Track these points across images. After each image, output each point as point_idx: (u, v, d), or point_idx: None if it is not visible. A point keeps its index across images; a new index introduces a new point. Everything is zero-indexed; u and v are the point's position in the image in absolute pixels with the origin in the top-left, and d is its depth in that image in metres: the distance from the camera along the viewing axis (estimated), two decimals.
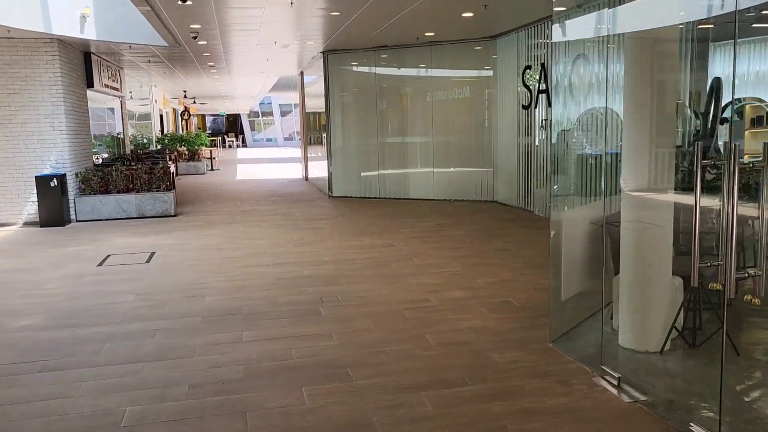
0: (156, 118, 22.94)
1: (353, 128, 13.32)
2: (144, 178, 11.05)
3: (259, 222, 10.23)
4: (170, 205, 11.04)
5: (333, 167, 13.57)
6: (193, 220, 10.56)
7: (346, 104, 13.39)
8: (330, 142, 13.52)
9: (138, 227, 9.94)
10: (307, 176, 18.09)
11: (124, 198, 10.84)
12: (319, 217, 10.60)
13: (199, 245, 8.31)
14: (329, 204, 12.48)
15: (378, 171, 13.05)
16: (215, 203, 12.96)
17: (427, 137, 12.46)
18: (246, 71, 17.37)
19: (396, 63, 12.72)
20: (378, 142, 13.02)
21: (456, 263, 6.87)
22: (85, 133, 11.71)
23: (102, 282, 6.42)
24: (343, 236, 8.72)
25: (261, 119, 54.27)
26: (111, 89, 14.03)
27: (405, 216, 10.54)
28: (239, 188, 16.17)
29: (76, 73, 11.32)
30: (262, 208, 11.97)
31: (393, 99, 12.92)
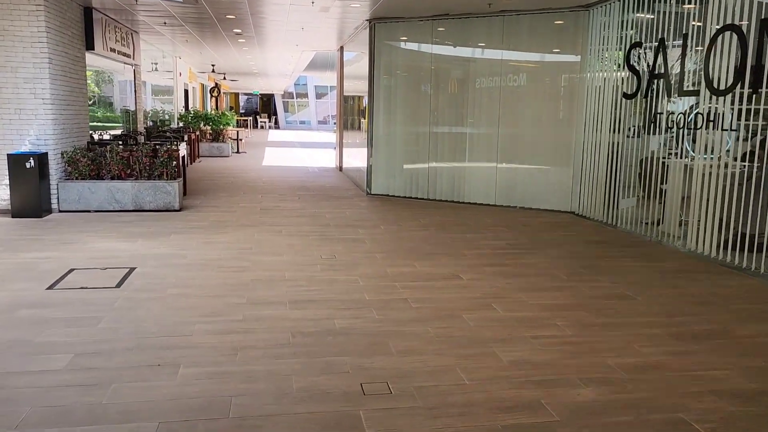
0: (179, 93, 21.02)
1: (400, 114, 11.10)
2: (144, 162, 9.01)
3: (281, 226, 8.11)
4: (174, 198, 8.99)
5: (373, 159, 11.38)
6: (200, 219, 8.49)
7: (393, 85, 11.16)
8: (371, 130, 11.33)
9: (129, 225, 7.91)
10: (342, 166, 15.95)
11: (118, 186, 8.83)
12: (356, 224, 8.44)
13: (196, 259, 6.22)
14: (367, 204, 10.30)
15: (428, 164, 10.82)
16: (232, 195, 10.89)
17: (491, 128, 10.17)
18: (278, 43, 15.23)
19: (457, 37, 10.42)
20: (429, 131, 10.77)
21: (559, 320, 4.63)
22: (80, 103, 9.71)
23: (36, 323, 4.35)
24: (388, 257, 6.54)
25: (295, 101, 52.35)
26: (120, 55, 12.03)
27: (463, 227, 8.30)
28: (263, 177, 14.10)
29: (70, 31, 9.30)
30: (286, 206, 9.85)
31: (450, 81, 10.64)
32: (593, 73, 9.14)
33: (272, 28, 12.45)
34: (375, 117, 11.24)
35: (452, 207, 10.15)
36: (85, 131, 9.93)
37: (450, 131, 10.66)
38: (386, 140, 11.24)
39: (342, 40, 14.45)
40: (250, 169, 15.70)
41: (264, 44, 15.49)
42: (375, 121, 11.25)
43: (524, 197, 10.02)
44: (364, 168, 11.98)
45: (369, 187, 11.45)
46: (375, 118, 11.25)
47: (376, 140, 11.30)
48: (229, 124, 20.17)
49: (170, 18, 11.46)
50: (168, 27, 12.60)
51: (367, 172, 11.49)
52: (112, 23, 11.39)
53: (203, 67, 23.55)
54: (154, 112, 18.16)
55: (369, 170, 11.44)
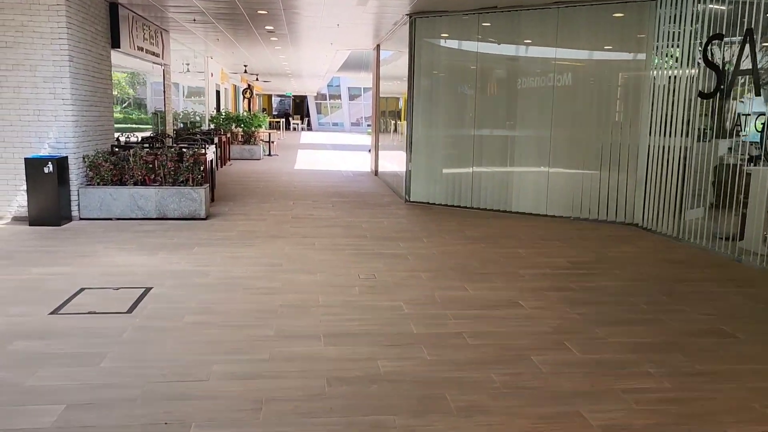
0: (211, 94, 20.59)
1: (441, 116, 10.33)
2: (169, 167, 8.42)
3: (314, 238, 7.41)
4: (200, 205, 8.38)
5: (413, 164, 10.62)
6: (227, 228, 7.85)
7: (434, 85, 10.39)
8: (410, 132, 10.58)
9: (150, 235, 7.31)
10: (377, 170, 15.24)
11: (141, 192, 8.25)
12: (396, 236, 7.70)
13: (220, 277, 5.56)
14: (407, 213, 9.56)
15: (471, 168, 10.01)
16: (262, 201, 10.25)
17: (541, 131, 9.33)
18: (312, 42, 14.61)
19: (504, 33, 9.60)
20: (473, 134, 9.97)
21: (651, 365, 3.81)
22: (105, 104, 9.19)
23: (29, 360, 3.71)
24: (435, 276, 5.78)
25: (328, 102, 51.95)
26: (149, 54, 11.52)
27: (514, 241, 7.49)
28: (296, 181, 13.47)
29: (94, 28, 8.78)
30: (319, 214, 9.16)
31: (496, 80, 9.83)
32: (659, 70, 8.24)
33: (306, 24, 11.81)
34: (414, 119, 10.50)
35: (498, 217, 9.34)
36: (109, 134, 9.41)
37: (495, 134, 9.85)
38: (426, 144, 10.48)
39: (379, 38, 13.75)
40: (281, 173, 15.11)
41: (297, 43, 14.88)
42: (414, 123, 10.50)
43: (579, 207, 9.15)
44: (401, 173, 11.24)
45: (407, 194, 10.71)
46: (414, 120, 10.50)
47: (416, 144, 10.55)
48: (261, 125, 19.65)
49: (200, 15, 10.90)
50: (198, 25, 12.06)
51: (406, 178, 10.74)
52: (140, 20, 10.88)
53: (235, 67, 23.13)
54: (185, 113, 17.74)
55: (408, 176, 10.69)
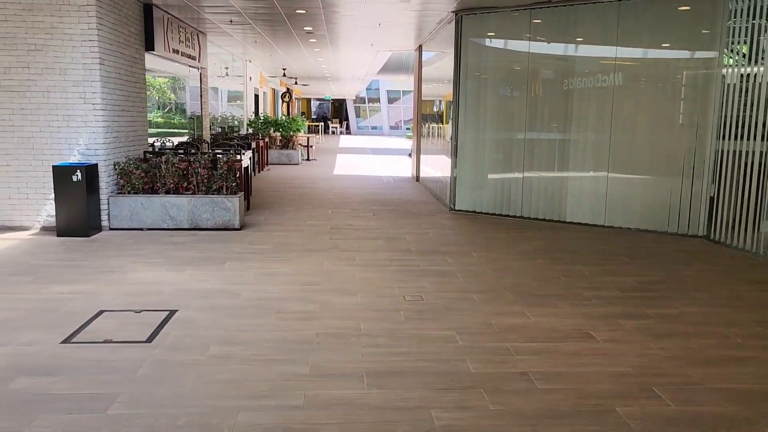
0: (250, 98, 20.32)
1: (490, 119, 9.67)
2: (202, 175, 7.99)
3: (353, 252, 6.86)
4: (234, 215, 7.92)
5: (458, 170, 9.99)
6: (261, 240, 7.37)
7: (482, 86, 9.74)
8: (456, 137, 9.95)
9: (181, 247, 6.87)
10: (419, 176, 14.64)
11: (173, 201, 7.84)
12: (442, 249, 7.09)
13: (251, 298, 5.04)
14: (452, 223, 8.93)
15: (522, 174, 9.33)
16: (299, 210, 9.77)
17: (601, 134, 8.59)
18: (352, 43, 14.12)
19: (558, 31, 8.90)
20: (524, 138, 9.29)
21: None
22: (137, 109, 8.84)
23: (31, 402, 3.24)
24: (490, 298, 5.15)
25: (367, 106, 51.60)
26: (184, 56, 11.19)
27: (573, 257, 6.80)
28: (334, 187, 12.97)
29: (127, 29, 8.43)
30: (359, 224, 8.62)
31: (549, 81, 9.13)
32: (730, 68, 7.43)
33: (346, 24, 11.31)
34: (460, 122, 9.87)
35: (552, 228, 8.63)
36: (143, 139, 9.06)
37: (548, 138, 9.14)
38: (473, 149, 9.84)
39: (421, 38, 13.16)
40: (320, 179, 14.65)
41: (337, 44, 14.42)
42: (460, 127, 9.87)
43: (641, 217, 8.38)
44: (444, 179, 10.62)
45: (452, 202, 10.08)
46: (460, 124, 9.87)
47: (462, 149, 9.91)
48: (299, 129, 19.28)
49: (237, 15, 10.51)
50: (236, 26, 11.68)
51: (451, 185, 10.11)
52: (176, 22, 10.55)
53: (274, 71, 22.86)
54: (223, 117, 17.48)
55: (453, 183, 10.06)
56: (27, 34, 7.41)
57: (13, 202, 7.70)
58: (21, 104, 7.54)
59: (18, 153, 7.62)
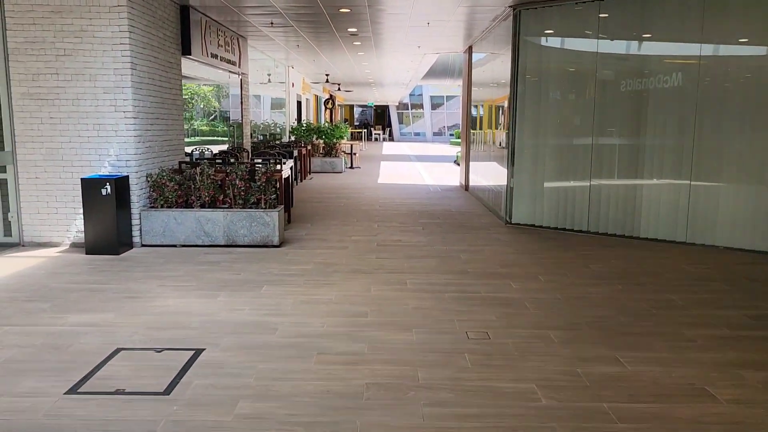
0: (292, 105, 19.86)
1: (551, 124, 8.81)
2: (239, 187, 7.39)
3: (404, 273, 6.12)
4: (273, 230, 7.29)
5: (515, 179, 9.15)
6: (303, 259, 6.70)
7: (543, 88, 8.89)
8: (513, 143, 9.11)
9: (215, 267, 6.25)
10: (468, 185, 13.82)
11: (208, 216, 7.26)
12: (504, 271, 6.28)
13: (290, 334, 4.36)
14: (510, 239, 8.10)
15: (589, 182, 8.43)
16: (343, 223, 9.09)
17: (682, 138, 7.65)
18: (398, 45, 13.43)
19: (629, 26, 7.99)
20: (592, 143, 8.39)
21: None
22: (173, 117, 8.33)
23: None
24: (570, 339, 4.33)
25: (410, 112, 50.92)
26: (223, 61, 10.69)
27: (658, 281, 5.90)
28: (379, 197, 12.28)
29: (162, 33, 7.93)
30: (408, 240, 7.88)
31: (619, 81, 8.21)
32: None
33: (392, 24, 10.62)
34: (518, 128, 9.03)
35: (624, 245, 7.71)
36: (178, 149, 8.54)
37: (618, 143, 8.23)
38: (531, 156, 8.99)
39: (471, 38, 12.38)
40: (364, 188, 13.98)
41: (381, 47, 13.75)
42: (518, 132, 9.04)
43: (731, 233, 7.39)
44: (498, 189, 9.80)
45: (508, 215, 9.24)
46: (518, 130, 9.03)
47: (519, 156, 9.07)
48: (342, 137, 18.70)
49: (278, 17, 9.93)
50: (277, 29, 11.13)
51: (507, 196, 9.28)
52: (214, 25, 10.05)
53: (317, 77, 22.39)
54: (265, 125, 17.04)
55: (508, 193, 9.22)
56: (56, 38, 6.95)
57: (42, 216, 7.25)
58: (50, 113, 7.08)
59: (46, 165, 7.16)
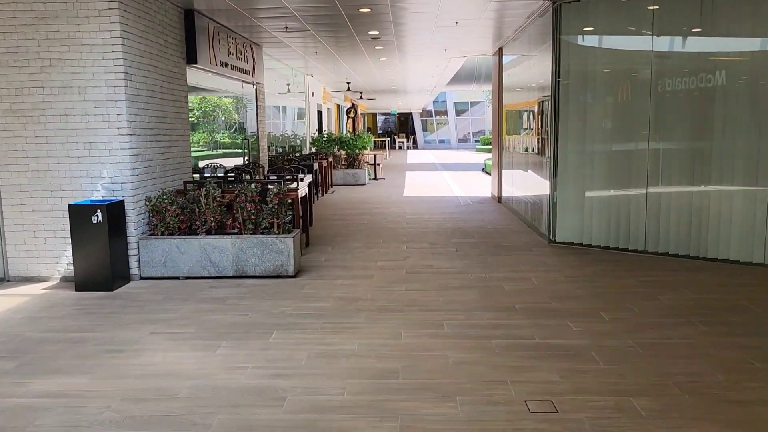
0: (312, 115, 19.07)
1: (599, 129, 7.80)
2: (248, 210, 6.52)
3: (440, 311, 5.18)
4: (287, 259, 6.40)
5: (559, 192, 8.15)
6: (321, 292, 5.80)
7: (589, 90, 7.89)
8: (555, 151, 8.12)
9: (219, 306, 5.38)
10: (500, 196, 12.82)
11: (214, 243, 6.41)
12: (558, 306, 5.30)
13: (300, 407, 3.44)
14: (557, 261, 7.10)
15: (646, 190, 7.40)
16: (367, 245, 8.18)
17: (757, 140, 6.60)
18: (422, 49, 12.53)
19: (685, 19, 6.96)
20: (648, 148, 7.36)
21: None
22: (177, 132, 7.53)
23: None
24: (662, 411, 3.33)
25: (434, 119, 49.99)
26: (235, 70, 9.89)
27: (750, 319, 4.86)
28: (406, 213, 11.35)
29: (162, 39, 7.14)
30: (441, 265, 6.93)
31: (676, 80, 7.18)
32: None
33: (417, 26, 9.72)
34: (561, 133, 8.04)
35: (691, 268, 6.66)
36: (184, 167, 7.73)
37: (678, 149, 7.19)
38: (577, 165, 7.98)
39: (502, 39, 11.43)
40: (389, 202, 13.06)
41: (405, 51, 12.86)
42: (561, 139, 8.05)
43: None
44: (536, 200, 8.80)
45: (551, 232, 8.23)
46: (561, 136, 8.04)
47: (562, 166, 8.07)
48: (365, 147, 17.83)
49: (292, 20, 9.10)
50: (294, 35, 10.30)
51: (548, 211, 8.27)
52: (224, 31, 9.25)
53: (338, 85, 21.59)
54: (285, 137, 16.26)
55: (551, 208, 8.22)
56: (40, 47, 6.18)
57: (29, 248, 6.47)
58: (35, 131, 6.31)
59: (32, 189, 6.38)
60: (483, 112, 49.18)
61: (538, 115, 9.31)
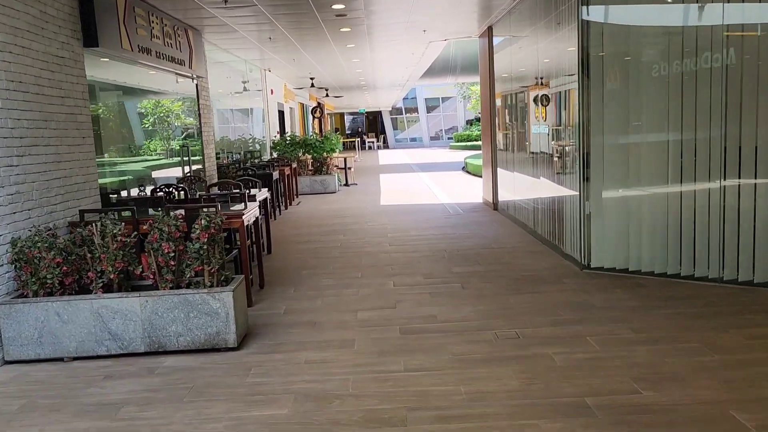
0: (272, 116, 16.88)
1: (647, 114, 5.86)
2: (165, 252, 4.39)
3: (468, 421, 3.15)
4: (226, 322, 4.30)
5: (593, 202, 6.18)
6: (275, 383, 3.72)
7: (633, 67, 5.95)
8: (586, 148, 6.15)
9: (108, 423, 3.27)
10: (497, 201, 10.87)
11: (115, 305, 4.27)
12: (651, 397, 3.31)
13: None
14: (606, 301, 5.11)
15: (720, 200, 5.48)
16: (342, 283, 6.10)
17: None
18: (399, 30, 10.50)
19: None
20: (720, 135, 5.43)
21: None
22: (72, 141, 5.35)
23: None
24: None
25: (404, 116, 48.05)
26: (163, 59, 7.71)
27: None
28: (388, 229, 9.30)
29: (37, 8, 4.96)
30: (447, 316, 4.89)
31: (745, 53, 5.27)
32: None
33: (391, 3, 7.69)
34: (594, 124, 6.08)
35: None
36: (86, 190, 5.55)
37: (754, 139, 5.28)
38: (618, 164, 6.03)
39: (491, 16, 9.47)
40: (365, 214, 11.00)
41: (376, 34, 10.81)
42: (594, 131, 6.09)
43: None
44: (549, 208, 6.84)
45: (585, 255, 6.25)
46: (594, 127, 6.08)
47: (596, 165, 6.11)
48: (334, 149, 15.72)
49: None
50: (238, 13, 8.15)
51: (582, 228, 6.30)
52: (143, 7, 7.08)
53: (300, 81, 19.44)
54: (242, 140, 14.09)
55: (585, 222, 6.25)
56: None
57: None
58: None
59: None
60: (455, 108, 47.42)
61: (553, 103, 7.37)
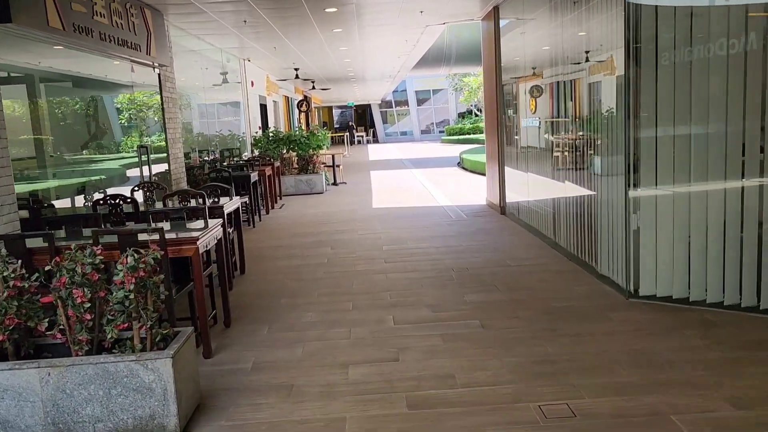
0: (253, 110, 15.54)
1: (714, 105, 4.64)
2: (78, 304, 3.11)
3: None
4: (163, 403, 3.03)
5: (644, 214, 4.96)
6: None
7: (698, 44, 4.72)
8: (633, 146, 4.92)
9: None
10: (504, 204, 9.64)
11: (3, 381, 2.99)
12: None
13: None
14: (666, 344, 3.89)
15: None
16: (328, 320, 4.84)
17: None
18: (392, 12, 9.21)
19: None
20: None
21: None
22: None
23: None
24: None
25: (394, 109, 46.73)
26: (111, 43, 6.38)
27: None
28: (382, 239, 8.04)
29: None
30: (468, 377, 3.65)
31: None
32: None
33: None
34: (644, 119, 4.85)
35: None
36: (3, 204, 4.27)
37: None
38: (677, 167, 4.81)
39: None
40: (356, 219, 9.72)
41: (367, 18, 9.52)
42: (644, 127, 4.86)
43: None
44: (576, 217, 5.62)
45: (632, 281, 5.02)
46: (644, 121, 4.85)
47: (648, 169, 4.89)
48: (321, 146, 14.41)
49: None
50: None
51: (628, 249, 5.06)
52: None
53: (284, 73, 18.09)
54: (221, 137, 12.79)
55: (632, 243, 5.01)
56: None
57: None
58: None
59: None
60: (446, 101, 46.18)
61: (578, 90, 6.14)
